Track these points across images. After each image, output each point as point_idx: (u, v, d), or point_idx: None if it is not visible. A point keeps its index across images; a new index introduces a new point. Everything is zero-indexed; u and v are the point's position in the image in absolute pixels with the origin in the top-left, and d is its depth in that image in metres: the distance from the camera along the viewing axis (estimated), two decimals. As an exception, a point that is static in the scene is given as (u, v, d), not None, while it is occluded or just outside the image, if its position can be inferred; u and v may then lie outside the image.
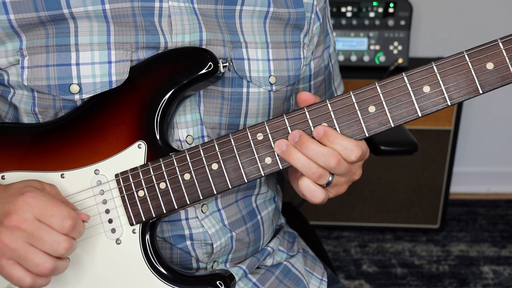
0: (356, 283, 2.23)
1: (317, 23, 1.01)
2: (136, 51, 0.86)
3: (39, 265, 0.75)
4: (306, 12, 0.99)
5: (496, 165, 2.80)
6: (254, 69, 0.93)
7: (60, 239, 0.76)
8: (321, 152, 0.78)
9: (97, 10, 0.84)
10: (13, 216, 0.75)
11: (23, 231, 0.75)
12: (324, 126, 0.79)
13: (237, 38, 0.92)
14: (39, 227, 0.75)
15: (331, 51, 1.11)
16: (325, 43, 1.07)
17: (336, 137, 0.79)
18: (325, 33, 1.06)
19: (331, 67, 1.12)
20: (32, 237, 0.75)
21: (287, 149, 0.80)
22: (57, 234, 0.76)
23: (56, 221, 0.76)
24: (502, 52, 0.75)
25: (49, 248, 0.76)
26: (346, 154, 0.79)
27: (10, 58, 0.86)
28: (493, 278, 2.24)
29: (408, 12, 2.21)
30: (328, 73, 1.12)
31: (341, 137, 0.79)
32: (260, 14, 0.94)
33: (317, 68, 1.07)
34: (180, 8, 0.88)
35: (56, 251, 0.76)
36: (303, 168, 0.80)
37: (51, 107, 0.87)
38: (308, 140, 0.79)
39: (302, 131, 0.80)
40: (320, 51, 1.06)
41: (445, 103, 0.77)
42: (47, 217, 0.76)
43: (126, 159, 0.85)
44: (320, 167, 0.79)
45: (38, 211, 0.76)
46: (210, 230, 0.93)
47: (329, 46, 1.09)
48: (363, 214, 2.45)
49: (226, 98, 0.92)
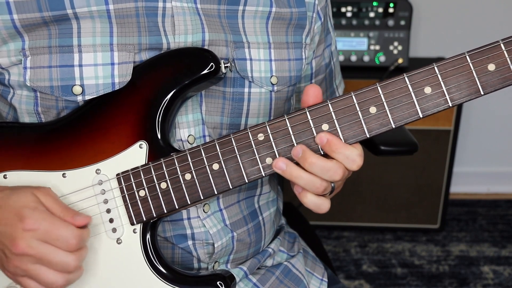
0: (356, 283, 2.23)
1: (319, 22, 1.02)
2: (138, 53, 0.86)
3: (52, 284, 0.78)
4: (307, 12, 0.99)
5: (496, 165, 2.81)
6: (256, 69, 0.93)
7: (68, 259, 0.78)
8: (326, 168, 0.77)
9: (101, 10, 0.84)
10: (19, 244, 0.76)
11: (32, 256, 0.77)
12: (328, 134, 0.79)
13: (239, 38, 0.92)
14: (46, 251, 0.77)
15: (332, 49, 1.11)
16: (326, 41, 1.07)
17: (339, 146, 0.78)
18: (326, 32, 1.06)
19: (332, 65, 1.12)
20: (41, 260, 0.77)
21: (288, 169, 0.79)
22: (64, 255, 0.78)
23: (62, 244, 0.78)
24: (504, 53, 0.75)
25: (60, 268, 0.78)
26: (348, 164, 0.78)
27: (12, 58, 0.86)
28: (493, 278, 2.24)
29: (408, 12, 2.21)
30: (330, 71, 1.12)
31: (344, 146, 0.78)
32: (263, 14, 0.94)
33: (318, 67, 1.07)
34: (183, 8, 0.88)
35: (66, 269, 0.78)
36: (306, 185, 0.79)
37: (54, 107, 0.87)
38: (311, 156, 0.78)
39: (305, 147, 0.79)
40: (321, 49, 1.06)
41: (446, 104, 0.77)
42: (52, 240, 0.77)
43: (127, 159, 0.85)
44: (324, 181, 0.78)
45: (42, 236, 0.77)
46: (211, 230, 0.93)
47: (330, 44, 1.09)
48: (363, 214, 2.45)
49: (227, 98, 0.92)
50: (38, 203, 0.79)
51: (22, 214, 0.77)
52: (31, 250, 0.76)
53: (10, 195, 0.80)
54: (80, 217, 0.81)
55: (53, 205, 0.81)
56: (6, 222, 0.78)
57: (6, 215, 0.78)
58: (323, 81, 1.11)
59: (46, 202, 0.80)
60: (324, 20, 1.03)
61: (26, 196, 0.80)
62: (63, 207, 0.81)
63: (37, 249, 0.77)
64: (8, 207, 0.79)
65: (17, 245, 0.76)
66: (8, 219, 0.78)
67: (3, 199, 0.80)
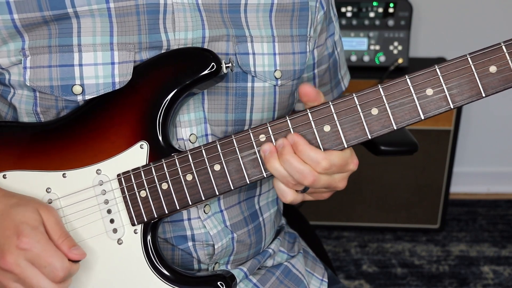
0: (356, 283, 2.23)
1: (321, 12, 1.00)
2: (139, 52, 0.86)
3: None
4: (310, 2, 0.98)
5: (496, 165, 2.81)
6: (259, 64, 0.93)
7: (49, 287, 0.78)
8: (296, 169, 0.77)
9: (101, 8, 0.84)
10: (8, 259, 0.76)
11: (16, 275, 0.77)
12: (296, 136, 0.78)
13: (242, 32, 0.92)
14: (31, 274, 0.77)
15: (336, 39, 1.09)
16: (328, 30, 1.06)
17: (303, 148, 0.77)
18: (329, 20, 1.05)
19: (336, 55, 1.11)
20: (23, 281, 0.77)
21: (268, 156, 0.79)
22: (47, 283, 0.77)
23: (48, 272, 0.77)
24: (505, 55, 0.75)
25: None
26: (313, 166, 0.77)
27: (12, 58, 0.85)
28: (493, 278, 2.24)
29: (408, 12, 2.21)
30: (334, 61, 1.11)
31: (309, 148, 0.77)
32: (265, 7, 0.93)
33: (320, 56, 1.06)
34: (184, 5, 0.87)
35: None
36: (279, 177, 0.79)
37: (53, 107, 0.87)
38: (287, 153, 0.77)
39: (287, 141, 0.78)
40: (323, 38, 1.05)
41: (448, 106, 0.77)
42: (40, 266, 0.77)
43: (128, 159, 0.85)
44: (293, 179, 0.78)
45: (32, 258, 0.77)
46: (212, 231, 0.93)
47: (333, 34, 1.07)
48: (363, 214, 2.45)
49: (230, 93, 0.92)
50: (40, 223, 0.79)
51: (20, 230, 0.77)
52: (17, 269, 0.76)
53: (15, 207, 0.80)
54: (76, 251, 0.80)
55: (54, 228, 0.80)
56: (2, 233, 0.78)
57: (5, 225, 0.78)
58: (327, 71, 1.10)
59: (47, 223, 0.80)
60: (327, 9, 1.02)
61: (30, 212, 0.79)
62: (63, 233, 0.81)
63: (23, 269, 0.76)
64: (9, 219, 0.78)
65: (5, 260, 0.76)
66: (5, 231, 0.78)
67: (8, 208, 0.80)
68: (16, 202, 0.81)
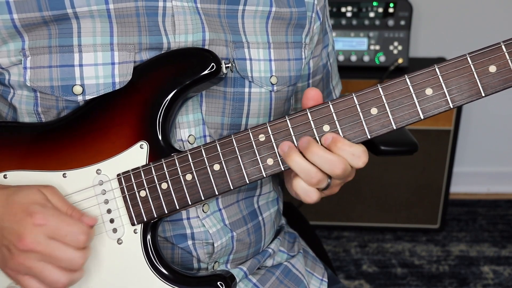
0: (356, 283, 2.23)
1: (318, 22, 1.02)
2: (139, 52, 0.86)
3: (55, 282, 0.78)
4: (307, 12, 0.99)
5: (496, 165, 2.81)
6: (256, 69, 0.93)
7: (76, 256, 0.78)
8: (327, 159, 0.77)
9: (101, 10, 0.84)
10: (27, 239, 0.76)
11: (38, 253, 0.76)
12: (332, 133, 0.79)
13: (239, 38, 0.92)
14: (54, 247, 0.77)
15: (329, 50, 1.11)
16: (323, 42, 1.07)
17: (344, 143, 0.78)
18: (324, 32, 1.06)
19: (329, 66, 1.12)
20: (49, 257, 0.77)
21: (288, 151, 0.79)
22: (72, 252, 0.78)
23: (71, 240, 0.77)
24: (505, 55, 0.75)
25: (66, 265, 0.78)
26: (354, 161, 0.78)
27: (12, 58, 0.85)
28: (493, 278, 2.24)
29: (408, 12, 2.21)
30: (326, 72, 1.12)
31: (349, 143, 0.78)
32: (263, 14, 0.94)
33: (316, 67, 1.07)
34: (184, 8, 0.88)
35: (72, 267, 0.78)
36: (301, 173, 0.78)
37: (54, 107, 0.87)
38: (315, 146, 0.78)
39: (312, 139, 0.78)
40: (319, 50, 1.06)
41: (447, 106, 0.77)
42: (61, 236, 0.77)
43: (128, 159, 0.85)
44: (319, 172, 0.78)
45: (51, 232, 0.77)
46: (211, 230, 0.93)
47: (327, 45, 1.09)
48: (363, 214, 2.45)
49: (228, 98, 0.92)
50: (46, 201, 0.80)
51: (31, 209, 0.77)
52: (38, 246, 0.76)
53: (17, 192, 0.80)
54: (87, 217, 0.81)
55: (60, 203, 0.81)
56: (13, 219, 0.78)
57: (14, 211, 0.78)
58: (320, 82, 1.11)
59: (53, 200, 0.81)
60: (322, 21, 1.03)
61: (34, 193, 0.80)
62: (69, 206, 0.82)
63: (45, 245, 0.76)
64: (15, 204, 0.78)
65: (24, 241, 0.76)
66: (16, 215, 0.77)
67: (9, 196, 0.80)
68: (16, 188, 0.81)
